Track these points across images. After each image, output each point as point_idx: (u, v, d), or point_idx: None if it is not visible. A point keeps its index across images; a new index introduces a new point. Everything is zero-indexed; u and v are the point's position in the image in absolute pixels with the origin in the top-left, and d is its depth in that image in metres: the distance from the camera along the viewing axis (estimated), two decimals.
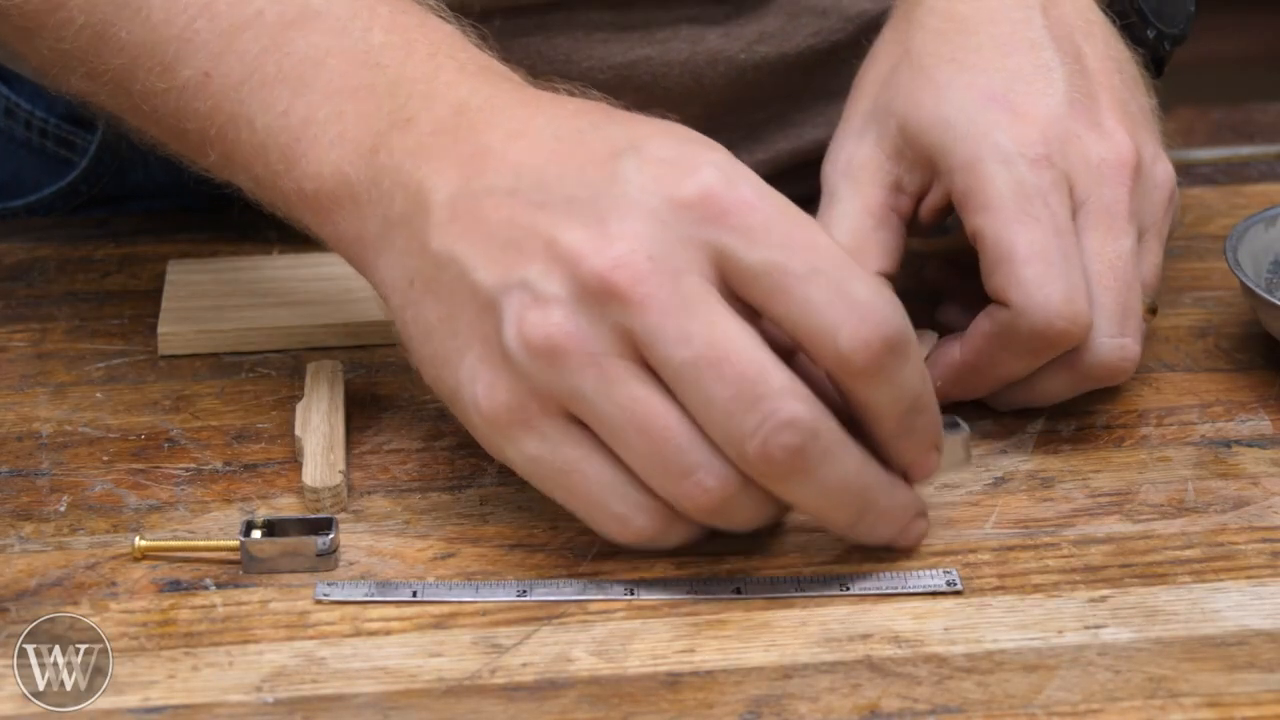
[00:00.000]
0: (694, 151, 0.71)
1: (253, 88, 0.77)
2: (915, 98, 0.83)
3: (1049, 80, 0.82)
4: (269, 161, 0.77)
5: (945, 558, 0.75)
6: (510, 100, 0.74)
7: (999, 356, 0.80)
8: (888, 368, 0.70)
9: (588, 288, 0.69)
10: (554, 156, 0.72)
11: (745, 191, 0.70)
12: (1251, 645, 0.71)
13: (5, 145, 1.04)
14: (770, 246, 0.69)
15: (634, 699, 0.68)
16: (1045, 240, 0.78)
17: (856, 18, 0.98)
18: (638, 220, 0.69)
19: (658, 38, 0.95)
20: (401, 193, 0.74)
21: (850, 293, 0.69)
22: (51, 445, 0.82)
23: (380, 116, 0.75)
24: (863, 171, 0.84)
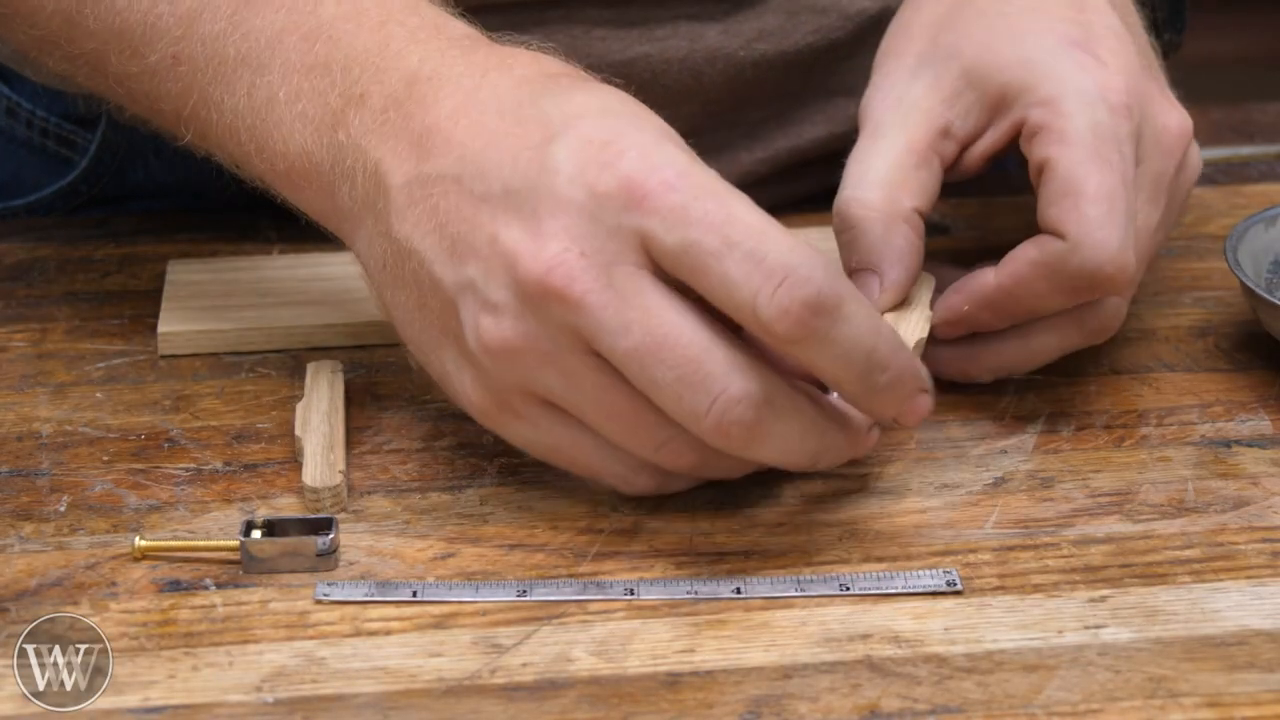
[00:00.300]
0: (619, 134, 0.72)
1: (216, 70, 0.79)
2: (987, 40, 0.83)
3: (1122, 41, 0.83)
4: (240, 141, 0.79)
5: (945, 558, 0.75)
6: (456, 69, 0.75)
7: (1038, 286, 0.80)
8: (817, 330, 0.70)
9: (528, 291, 0.71)
10: (493, 138, 0.73)
11: (665, 173, 0.70)
12: (1251, 645, 0.71)
13: (6, 145, 1.04)
14: (687, 225, 0.70)
15: (634, 699, 0.68)
16: (1114, 185, 0.79)
17: (856, 16, 0.98)
18: (568, 215, 0.71)
19: (656, 35, 0.95)
20: (363, 173, 0.76)
21: (765, 261, 0.69)
22: (51, 445, 0.82)
23: (335, 94, 0.77)
24: (914, 111, 0.84)
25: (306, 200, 0.79)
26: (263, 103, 0.78)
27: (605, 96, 0.74)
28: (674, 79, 0.95)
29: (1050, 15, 0.84)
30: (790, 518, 0.78)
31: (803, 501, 0.78)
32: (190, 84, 0.80)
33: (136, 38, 0.81)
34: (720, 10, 0.95)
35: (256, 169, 0.80)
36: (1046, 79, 0.81)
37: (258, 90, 0.78)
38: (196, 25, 0.79)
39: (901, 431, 0.83)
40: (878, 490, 0.79)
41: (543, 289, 0.70)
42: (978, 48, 0.84)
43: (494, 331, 0.72)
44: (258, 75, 0.78)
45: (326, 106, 0.77)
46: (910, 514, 0.78)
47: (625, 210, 0.70)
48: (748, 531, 0.77)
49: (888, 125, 0.84)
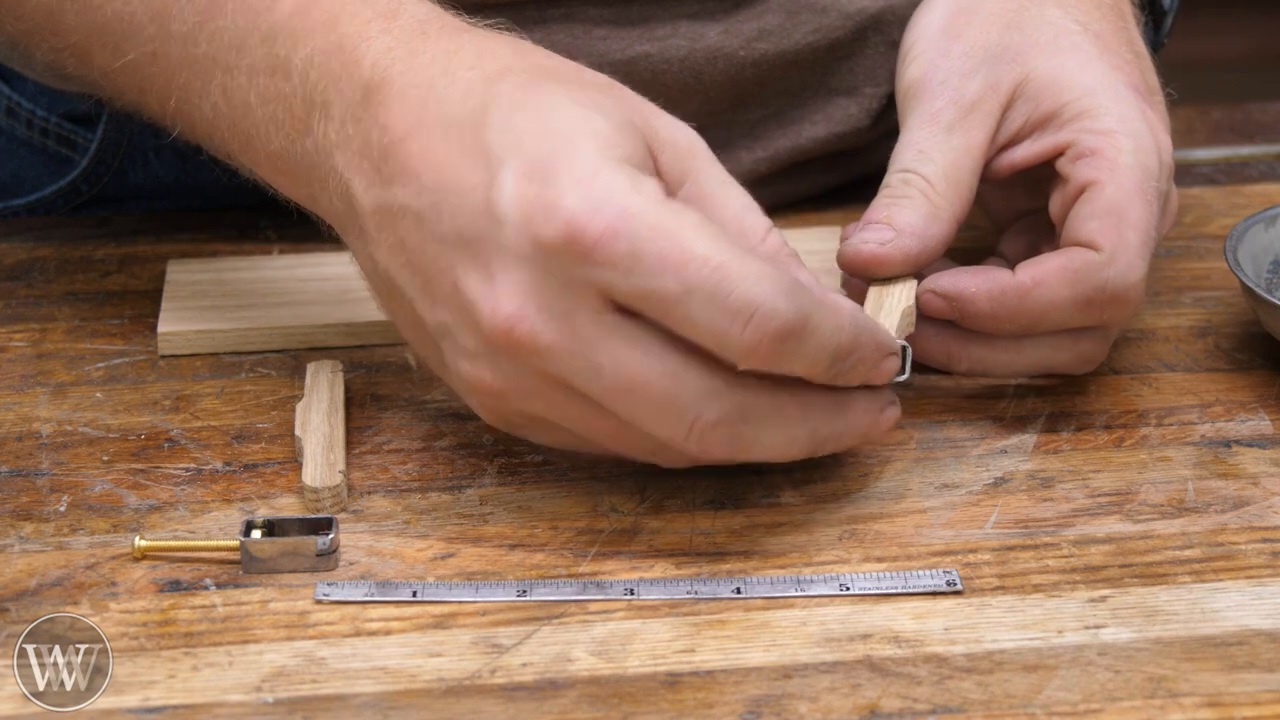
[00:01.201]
0: (556, 166, 0.70)
1: (190, 69, 0.79)
2: (1055, 57, 0.84)
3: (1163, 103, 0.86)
4: (224, 139, 0.80)
5: (945, 558, 0.75)
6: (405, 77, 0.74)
7: (1060, 292, 0.80)
8: (787, 353, 0.70)
9: (495, 343, 0.71)
10: (443, 172, 0.72)
11: (608, 216, 0.69)
12: (1251, 645, 0.71)
13: (6, 144, 1.04)
14: (642, 274, 0.69)
15: (634, 699, 0.68)
16: (1148, 224, 0.81)
17: (856, 15, 0.98)
18: (520, 269, 0.70)
19: (657, 34, 0.95)
20: (335, 185, 0.76)
21: (727, 301, 0.69)
22: (51, 445, 0.82)
23: (298, 100, 0.76)
24: (973, 112, 0.84)
25: (293, 197, 0.80)
26: (239, 104, 0.78)
27: (546, 108, 0.72)
28: (674, 78, 0.95)
29: (1115, 53, 0.85)
30: (790, 518, 0.78)
31: (803, 501, 0.79)
32: (170, 81, 0.80)
33: (115, 34, 0.80)
34: (720, 10, 0.95)
35: (243, 164, 0.80)
36: (1109, 114, 0.83)
37: (231, 92, 0.78)
38: (168, 23, 0.79)
39: (901, 431, 0.83)
40: (878, 490, 0.79)
41: (508, 342, 0.71)
42: (1045, 61, 0.84)
43: (474, 374, 0.73)
44: (228, 77, 0.78)
45: (292, 112, 0.76)
46: (910, 514, 0.78)
47: (574, 263, 0.70)
48: (748, 531, 0.77)
49: (950, 120, 0.84)
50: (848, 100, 1.00)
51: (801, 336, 0.70)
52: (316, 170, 0.76)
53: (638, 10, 0.94)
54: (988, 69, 0.85)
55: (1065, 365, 0.84)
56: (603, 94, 0.74)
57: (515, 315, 0.70)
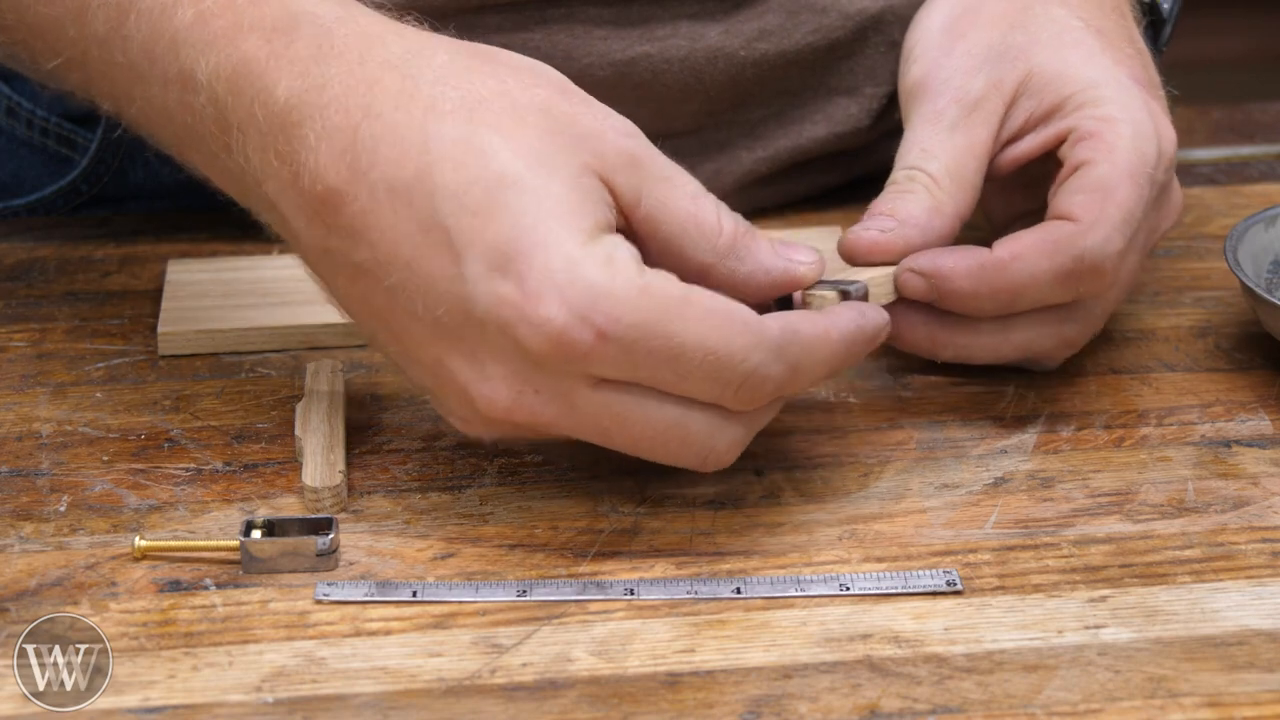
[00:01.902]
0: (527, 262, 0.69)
1: (112, 76, 0.77)
2: (1060, 53, 0.85)
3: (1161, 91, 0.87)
4: (159, 141, 0.78)
5: (945, 558, 0.75)
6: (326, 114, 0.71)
7: (1037, 264, 0.80)
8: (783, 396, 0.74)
9: (494, 421, 0.72)
10: (398, 247, 0.70)
11: (597, 323, 0.69)
12: (1251, 645, 0.70)
13: (7, 144, 1.04)
14: (636, 369, 0.70)
15: (634, 699, 0.68)
16: (1133, 204, 0.81)
17: (856, 15, 0.98)
18: (510, 362, 0.70)
19: (657, 35, 0.95)
20: (270, 213, 0.74)
21: (721, 376, 0.71)
22: (51, 445, 0.82)
23: (209, 116, 0.74)
24: (977, 110, 0.84)
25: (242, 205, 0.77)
26: (158, 113, 0.76)
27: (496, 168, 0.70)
28: (675, 78, 0.95)
29: (1117, 47, 0.85)
30: (790, 518, 0.78)
31: (803, 501, 0.79)
32: (100, 82, 0.78)
33: (47, 35, 0.78)
34: (721, 10, 0.95)
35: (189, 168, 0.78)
36: (1111, 102, 0.83)
37: (150, 101, 0.76)
38: (86, 27, 0.76)
39: (901, 431, 0.83)
40: (878, 490, 0.79)
41: (511, 422, 0.72)
42: (1048, 57, 0.85)
43: (471, 429, 0.74)
44: (145, 85, 0.75)
45: (208, 129, 0.74)
46: (910, 514, 0.78)
47: (566, 363, 0.70)
48: (748, 531, 0.77)
49: (953, 118, 0.85)
50: (848, 100, 1.00)
51: (795, 381, 0.73)
52: (244, 190, 0.75)
53: (638, 10, 0.94)
54: (991, 67, 0.85)
55: (1048, 351, 0.84)
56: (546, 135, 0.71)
57: (513, 404, 0.71)
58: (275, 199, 0.73)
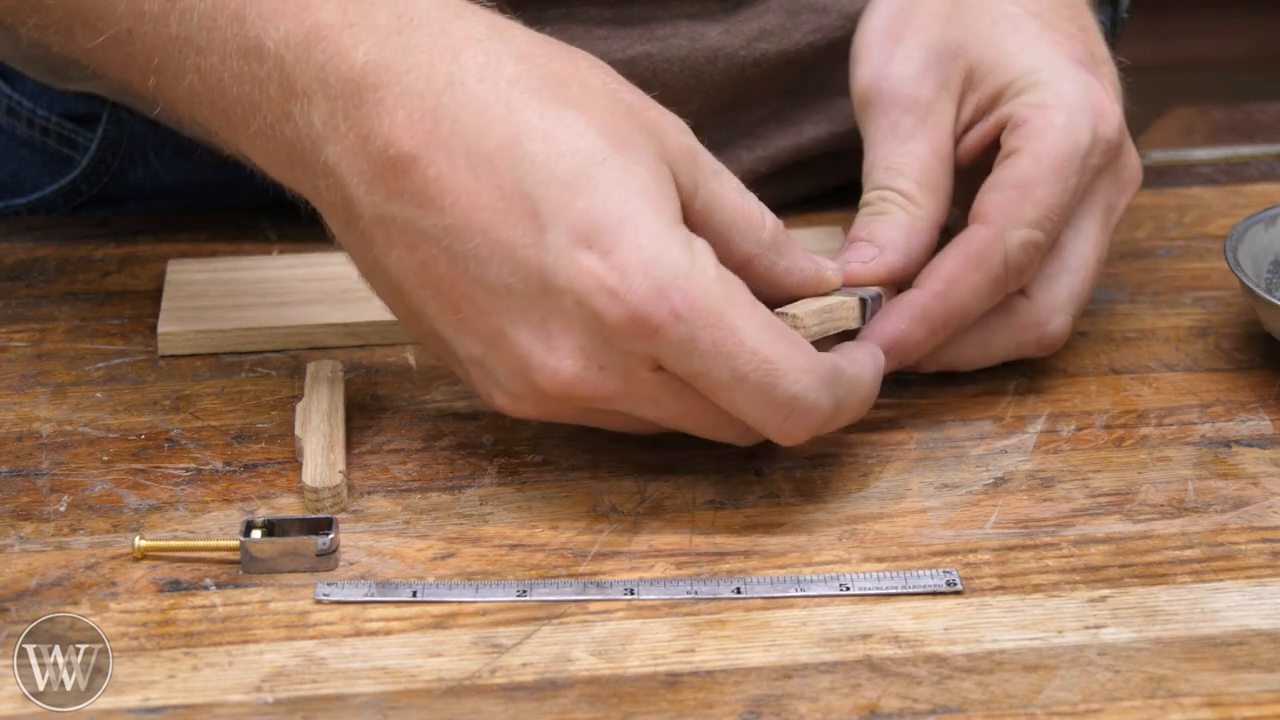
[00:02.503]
0: (615, 236, 0.70)
1: (165, 49, 0.77)
2: (996, 43, 0.85)
3: (1112, 71, 0.86)
4: (205, 118, 0.78)
5: (945, 558, 0.75)
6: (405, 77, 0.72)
7: (970, 279, 0.80)
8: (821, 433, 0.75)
9: (550, 395, 0.73)
10: (474, 212, 0.71)
11: (673, 302, 0.70)
12: (1251, 645, 0.70)
13: (7, 144, 1.04)
14: (697, 357, 0.71)
15: (634, 699, 0.68)
16: (1060, 200, 0.81)
17: (856, 15, 0.98)
18: (579, 334, 0.72)
19: (658, 34, 0.95)
20: (326, 180, 0.74)
21: (773, 395, 0.72)
22: (51, 445, 0.82)
23: (272, 84, 0.74)
24: (930, 114, 0.85)
25: (278, 178, 0.78)
26: (214, 85, 0.76)
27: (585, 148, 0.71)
28: (675, 78, 0.95)
29: (1056, 28, 0.85)
30: (790, 518, 0.78)
31: (803, 501, 0.79)
32: (148, 59, 0.78)
33: (91, 11, 0.78)
34: (721, 9, 0.95)
35: (226, 143, 0.78)
36: (1046, 88, 0.83)
37: (205, 73, 0.76)
38: (139, 1, 0.77)
39: (901, 431, 0.83)
40: (878, 490, 0.79)
41: (569, 395, 0.73)
42: (985, 48, 0.85)
43: (514, 408, 0.75)
44: (201, 57, 0.76)
45: (269, 96, 0.74)
46: (910, 514, 0.78)
47: (636, 339, 0.71)
48: (748, 531, 0.77)
49: (909, 127, 0.85)
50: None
51: (835, 420, 0.74)
52: (302, 157, 0.75)
53: (638, 10, 0.94)
54: (936, 69, 0.85)
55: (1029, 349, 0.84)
56: (625, 118, 0.73)
57: (577, 378, 0.72)
58: (335, 164, 0.73)
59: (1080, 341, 0.89)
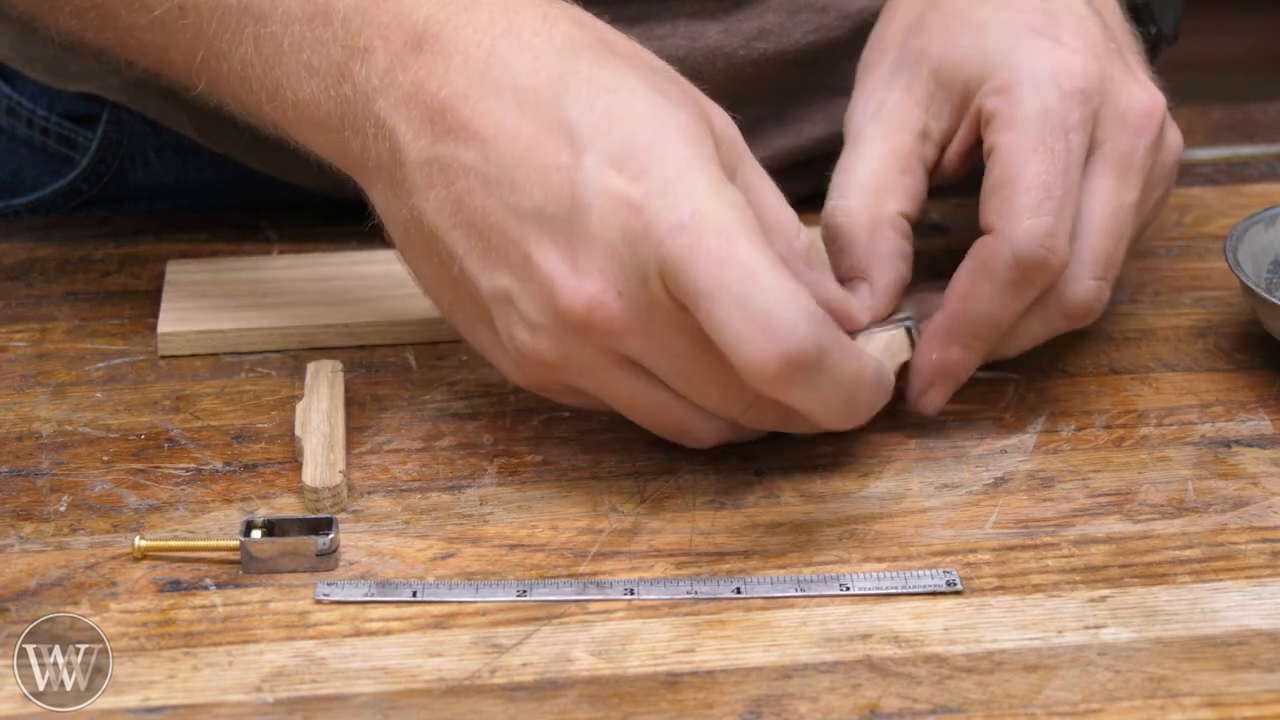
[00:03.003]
0: (646, 161, 0.72)
1: (221, 19, 0.79)
2: (951, 39, 0.84)
3: (1087, 26, 0.83)
4: (251, 90, 0.80)
5: (945, 558, 0.75)
6: (463, 32, 0.75)
7: (982, 290, 0.79)
8: (796, 381, 0.71)
9: (569, 320, 0.73)
10: (516, 143, 0.73)
11: (682, 211, 0.71)
12: (1251, 645, 0.71)
13: (7, 144, 1.04)
14: (692, 266, 0.70)
15: (634, 699, 0.68)
16: (1052, 175, 0.79)
17: (855, 15, 0.98)
18: (603, 254, 0.72)
19: (656, 34, 0.95)
20: (375, 131, 0.76)
21: (752, 308, 0.70)
22: (51, 445, 0.82)
23: (337, 45, 0.77)
24: (891, 115, 0.84)
25: (320, 144, 0.80)
26: (270, 52, 0.78)
27: (627, 92, 0.74)
28: None
29: (1014, 6, 0.83)
30: (790, 518, 0.78)
31: (803, 501, 0.79)
32: (198, 34, 0.80)
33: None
34: (720, 9, 0.95)
35: (269, 116, 0.80)
36: (1003, 67, 0.81)
37: (263, 40, 0.79)
38: None
39: (901, 431, 0.83)
40: (878, 490, 0.79)
41: (585, 323, 0.73)
42: (941, 46, 0.84)
43: (532, 346, 0.74)
44: (260, 25, 0.78)
45: (329, 58, 0.77)
46: (910, 514, 0.78)
47: (653, 246, 0.71)
48: (748, 531, 0.77)
49: (868, 134, 0.84)
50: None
51: (814, 368, 0.71)
52: (351, 117, 0.77)
53: (637, 9, 0.94)
54: (902, 77, 0.85)
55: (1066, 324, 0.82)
56: (670, 82, 0.76)
57: (596, 300, 0.72)
58: (386, 115, 0.75)
59: (1080, 341, 0.89)
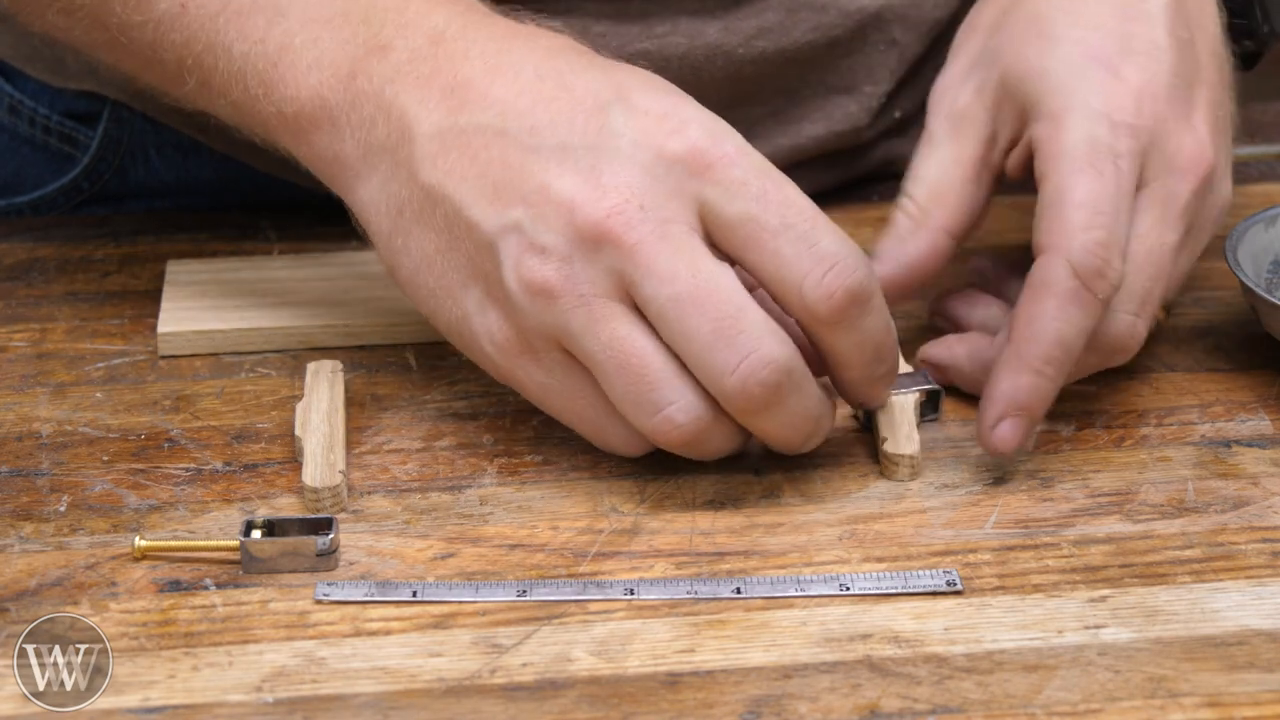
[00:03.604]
0: (679, 106, 0.76)
1: (229, 17, 0.80)
2: (1022, 48, 0.84)
3: (1156, 59, 0.82)
4: (247, 86, 0.81)
5: (945, 558, 0.75)
6: (484, 32, 0.78)
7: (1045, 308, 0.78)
8: (851, 316, 0.75)
9: (583, 234, 0.74)
10: (539, 98, 0.76)
11: (728, 147, 0.75)
12: (1251, 645, 0.71)
13: (8, 142, 1.04)
14: (747, 199, 0.74)
15: (634, 699, 0.68)
16: (1103, 191, 0.79)
17: (855, 13, 0.98)
18: (629, 173, 0.74)
19: (656, 32, 0.95)
20: (383, 118, 0.78)
21: (817, 246, 0.74)
22: (51, 445, 0.82)
23: (356, 43, 0.79)
24: (962, 121, 0.85)
25: (309, 144, 0.80)
26: (276, 48, 0.80)
27: (647, 74, 0.77)
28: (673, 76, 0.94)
29: (1087, 24, 0.83)
30: (790, 518, 0.78)
31: (803, 501, 0.79)
32: (198, 32, 0.81)
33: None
34: (720, 7, 0.95)
35: (260, 114, 0.81)
36: (1058, 94, 0.81)
37: (272, 36, 0.80)
38: None
39: None
40: (878, 490, 0.79)
41: (600, 233, 0.73)
42: (1012, 55, 0.84)
43: (537, 270, 0.74)
44: (273, 24, 0.80)
45: (345, 54, 0.79)
46: (910, 514, 0.78)
47: (688, 176, 0.74)
48: (748, 531, 0.77)
49: (940, 135, 0.85)
50: (847, 99, 1.00)
51: (867, 306, 0.75)
52: (358, 110, 0.78)
53: (637, 6, 0.94)
54: (977, 76, 0.85)
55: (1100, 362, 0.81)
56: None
57: (615, 208, 0.73)
58: (398, 96, 0.77)
59: None
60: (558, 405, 0.78)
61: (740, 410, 0.75)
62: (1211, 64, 0.85)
